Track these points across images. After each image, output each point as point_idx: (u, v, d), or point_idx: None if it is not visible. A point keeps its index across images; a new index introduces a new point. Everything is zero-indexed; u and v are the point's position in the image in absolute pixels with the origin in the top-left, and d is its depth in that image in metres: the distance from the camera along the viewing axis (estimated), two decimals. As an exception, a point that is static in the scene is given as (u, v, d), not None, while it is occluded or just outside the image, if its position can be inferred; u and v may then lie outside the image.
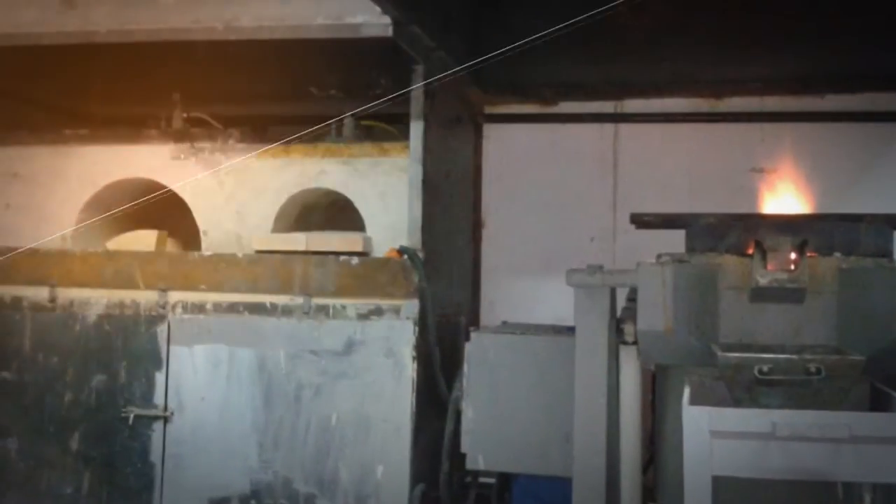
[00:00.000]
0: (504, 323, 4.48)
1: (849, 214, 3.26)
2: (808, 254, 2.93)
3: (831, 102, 4.69)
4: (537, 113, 5.07)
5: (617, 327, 3.27)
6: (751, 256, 3.00)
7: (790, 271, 2.91)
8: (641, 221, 3.48)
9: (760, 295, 2.97)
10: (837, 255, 3.02)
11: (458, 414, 3.79)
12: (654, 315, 2.96)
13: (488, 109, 5.14)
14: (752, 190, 4.31)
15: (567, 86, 4.97)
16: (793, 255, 2.93)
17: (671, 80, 4.85)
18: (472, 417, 3.74)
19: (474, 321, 4.90)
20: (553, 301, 4.76)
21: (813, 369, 2.63)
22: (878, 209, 3.43)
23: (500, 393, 3.71)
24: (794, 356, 2.71)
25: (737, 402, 2.78)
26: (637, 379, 3.31)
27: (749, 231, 3.10)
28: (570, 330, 3.57)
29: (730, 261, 3.05)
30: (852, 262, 2.99)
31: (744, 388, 2.74)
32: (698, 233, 3.22)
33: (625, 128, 4.98)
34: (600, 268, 3.25)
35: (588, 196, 4.97)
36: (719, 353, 2.74)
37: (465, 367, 3.77)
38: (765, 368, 2.65)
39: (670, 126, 4.92)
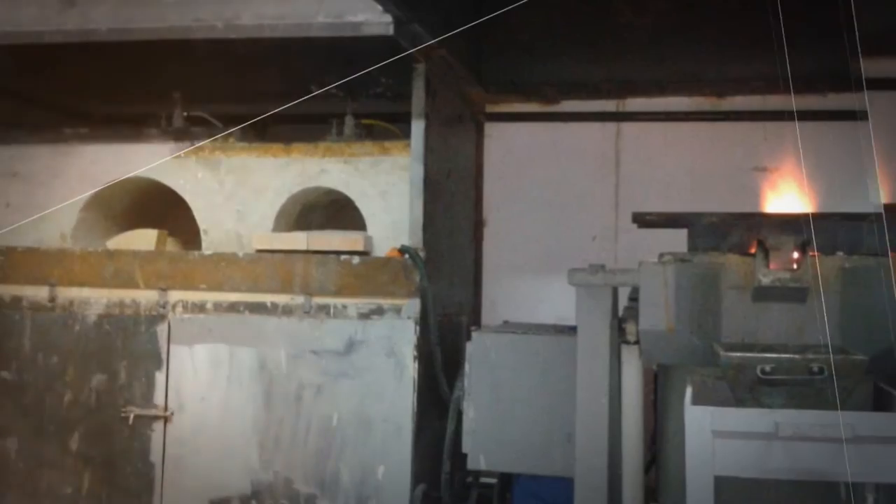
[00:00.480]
0: (506, 322, 4.47)
1: (851, 213, 3.24)
2: (811, 253, 2.92)
3: (834, 101, 4.66)
4: (539, 112, 5.05)
5: (619, 326, 3.26)
6: (753, 255, 2.99)
7: (793, 270, 2.89)
8: (644, 220, 3.45)
9: (763, 294, 2.95)
10: (840, 254, 3.01)
11: (459, 414, 3.79)
12: (656, 314, 2.95)
13: (490, 108, 5.12)
14: (755, 189, 4.32)
15: (569, 84, 4.95)
16: (795, 255, 2.92)
17: (674, 78, 4.82)
18: (473, 417, 3.74)
19: (476, 320, 4.89)
20: (555, 300, 4.76)
21: (815, 369, 2.61)
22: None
23: (502, 393, 3.71)
24: (796, 356, 2.70)
25: (739, 402, 2.76)
26: (639, 378, 3.30)
27: (751, 230, 3.10)
28: (572, 329, 3.59)
29: (732, 260, 3.04)
30: (855, 260, 2.98)
31: (746, 388, 2.72)
32: (700, 232, 3.21)
33: (627, 126, 4.95)
34: (602, 267, 3.24)
35: (590, 195, 4.95)
36: (721, 353, 2.72)
37: (467, 367, 3.77)
38: (767, 368, 2.64)
39: (672, 125, 4.90)
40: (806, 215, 3.16)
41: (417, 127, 3.99)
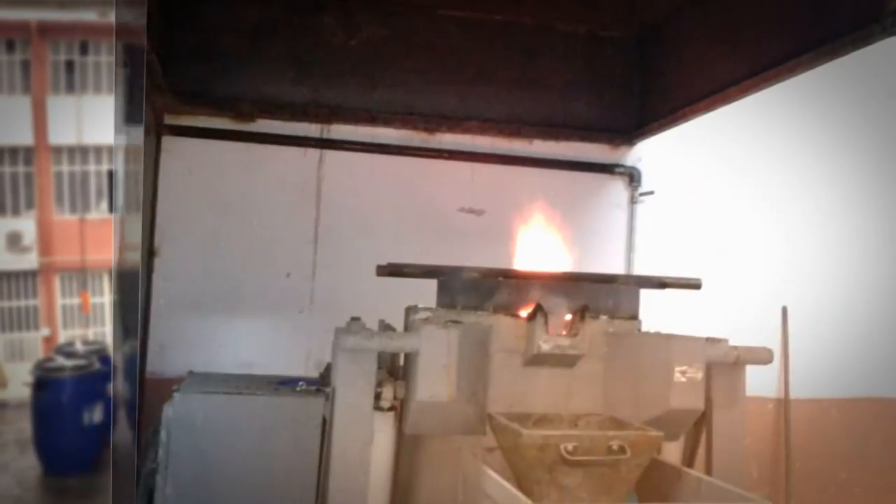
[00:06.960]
0: (191, 373, 3.80)
1: (602, 275, 3.21)
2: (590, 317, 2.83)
3: (539, 148, 4.68)
4: (230, 129, 4.38)
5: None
6: (525, 317, 2.81)
7: (572, 336, 2.76)
8: (394, 271, 3.07)
9: (538, 360, 2.78)
10: (604, 317, 2.95)
11: (150, 492, 3.14)
12: (437, 384, 2.63)
13: (170, 120, 4.34)
14: (461, 229, 4.26)
15: (268, 102, 4.36)
16: (568, 318, 2.79)
17: (384, 108, 4.49)
18: (171, 494, 3.11)
19: (141, 368, 4.14)
20: (239, 344, 4.27)
21: (616, 447, 2.48)
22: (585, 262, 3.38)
23: (210, 463, 3.14)
24: (597, 433, 2.55)
25: (536, 483, 2.53)
26: (391, 449, 2.93)
27: (519, 289, 2.91)
28: (287, 384, 3.28)
29: (502, 322, 2.84)
30: (617, 325, 2.95)
31: (546, 468, 2.49)
32: (458, 287, 2.94)
33: (331, 154, 4.50)
34: (383, 329, 2.86)
35: (286, 226, 4.42)
36: (524, 432, 2.47)
37: (164, 435, 3.13)
38: (570, 447, 2.44)
39: (380, 157, 4.55)
40: (578, 276, 3.06)
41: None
